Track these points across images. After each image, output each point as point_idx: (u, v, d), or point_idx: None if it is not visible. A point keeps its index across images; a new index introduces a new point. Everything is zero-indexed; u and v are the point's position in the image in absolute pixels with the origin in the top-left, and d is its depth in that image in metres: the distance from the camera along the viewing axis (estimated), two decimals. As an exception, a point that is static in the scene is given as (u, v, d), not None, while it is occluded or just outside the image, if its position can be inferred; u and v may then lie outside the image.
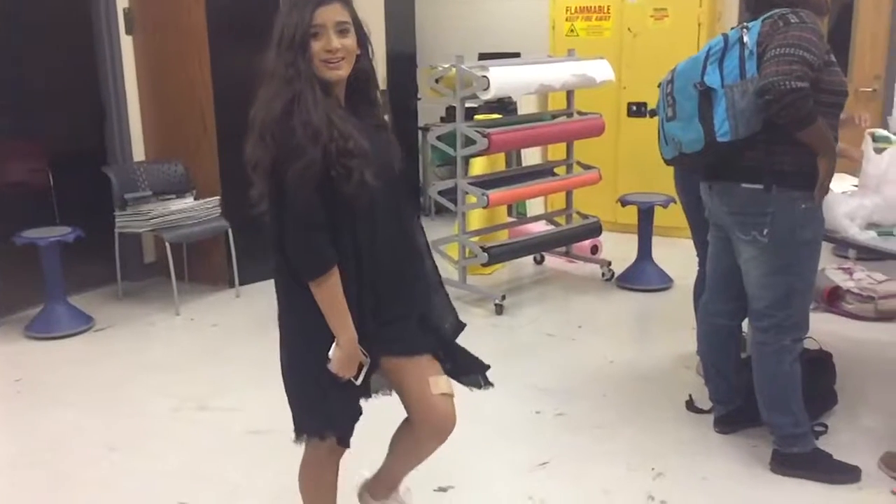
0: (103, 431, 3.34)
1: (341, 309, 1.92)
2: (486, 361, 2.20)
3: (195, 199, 4.93)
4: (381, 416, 2.21)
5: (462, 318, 2.28)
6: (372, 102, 2.05)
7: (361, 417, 2.11)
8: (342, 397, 2.03)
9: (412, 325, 2.08)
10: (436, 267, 2.21)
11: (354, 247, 1.93)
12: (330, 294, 1.90)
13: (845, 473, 2.82)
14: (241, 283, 5.02)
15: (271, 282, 2.10)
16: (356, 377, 1.99)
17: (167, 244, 4.64)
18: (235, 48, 4.98)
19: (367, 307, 1.97)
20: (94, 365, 4.04)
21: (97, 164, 4.91)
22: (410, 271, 2.09)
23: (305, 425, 2.09)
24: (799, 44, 2.50)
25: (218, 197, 4.95)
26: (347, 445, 2.12)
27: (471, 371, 2.24)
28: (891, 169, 3.12)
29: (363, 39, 1.97)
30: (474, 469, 2.96)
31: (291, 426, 2.15)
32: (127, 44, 5.09)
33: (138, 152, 5.22)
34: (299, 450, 3.11)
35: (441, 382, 2.11)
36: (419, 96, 6.85)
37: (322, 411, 2.05)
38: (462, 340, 4.07)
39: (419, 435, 2.19)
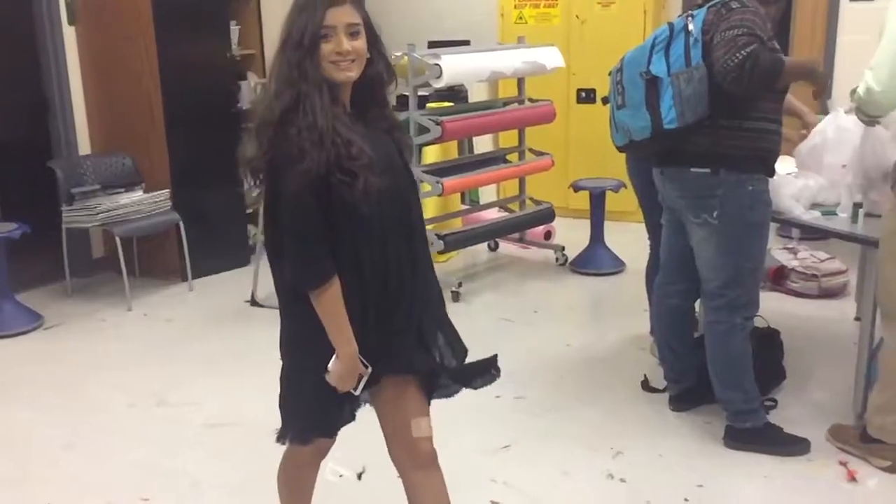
0: (59, 430, 3.28)
1: (341, 321, 1.83)
2: None
3: (145, 192, 4.84)
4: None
5: None
6: (381, 104, 1.96)
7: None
8: (334, 405, 1.96)
9: (410, 341, 1.95)
10: (437, 281, 2.07)
11: (356, 257, 1.84)
12: (329, 305, 1.82)
13: (795, 446, 2.92)
14: (195, 277, 4.96)
15: (225, 274, 2.08)
16: (355, 388, 1.92)
17: (117, 239, 4.56)
18: (183, 36, 4.92)
19: (369, 320, 1.88)
20: (45, 363, 3.97)
21: (42, 159, 4.79)
22: (413, 284, 1.94)
23: (292, 429, 2.05)
24: (741, 24, 2.57)
25: (168, 189, 4.87)
26: (331, 437, 2.09)
27: (478, 374, 2.11)
28: (825, 143, 3.23)
29: (375, 41, 1.90)
30: (438, 454, 2.98)
31: (264, 423, 2.14)
32: (70, 34, 4.97)
33: (84, 145, 5.10)
34: (259, 441, 3.11)
35: (423, 425, 2.02)
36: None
37: (312, 417, 2.00)
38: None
39: (401, 466, 2.08)
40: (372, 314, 1.88)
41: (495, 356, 2.11)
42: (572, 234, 5.41)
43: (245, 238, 5.41)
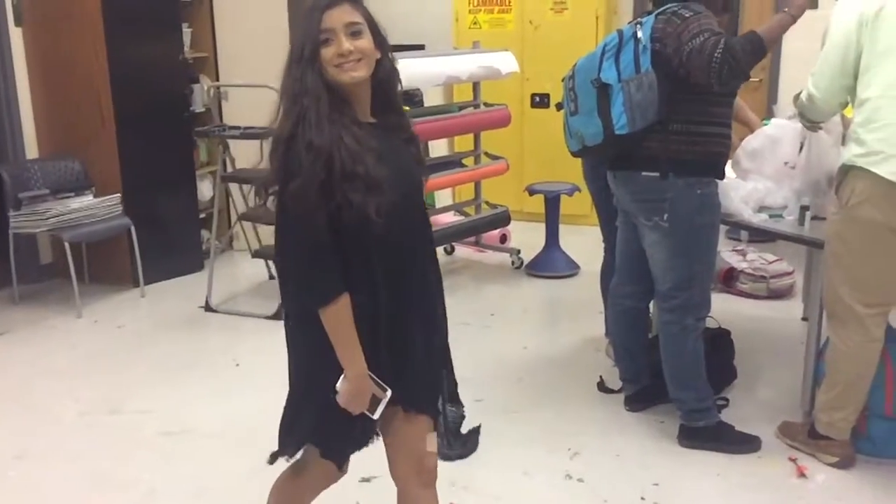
0: (9, 440, 3.20)
1: (349, 341, 1.75)
2: None
3: (95, 196, 4.76)
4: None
5: None
6: (398, 111, 1.88)
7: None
8: (345, 428, 1.87)
9: (422, 367, 1.90)
10: (444, 302, 1.98)
11: (369, 276, 1.76)
12: (337, 324, 1.74)
13: (747, 444, 2.99)
14: (147, 283, 4.88)
15: (179, 280, 2.04)
16: (372, 411, 1.82)
17: (66, 244, 4.47)
18: (134, 38, 4.85)
19: (381, 342, 1.80)
20: (-8, 372, 3.87)
21: (-13, 163, 4.69)
22: (424, 305, 1.89)
23: (289, 440, 1.96)
24: (700, 30, 2.64)
25: (119, 194, 4.79)
26: (340, 466, 1.98)
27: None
28: (766, 149, 3.32)
29: (382, 42, 1.80)
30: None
31: (219, 429, 2.11)
32: (16, 35, 4.86)
33: (32, 149, 4.99)
34: (214, 448, 3.10)
35: (433, 440, 1.96)
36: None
37: (323, 438, 1.92)
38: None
39: (405, 481, 1.98)
40: (384, 335, 1.80)
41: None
42: (528, 238, 5.45)
43: (199, 243, 5.35)
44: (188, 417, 3.36)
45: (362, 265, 1.75)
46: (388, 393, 1.83)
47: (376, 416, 1.84)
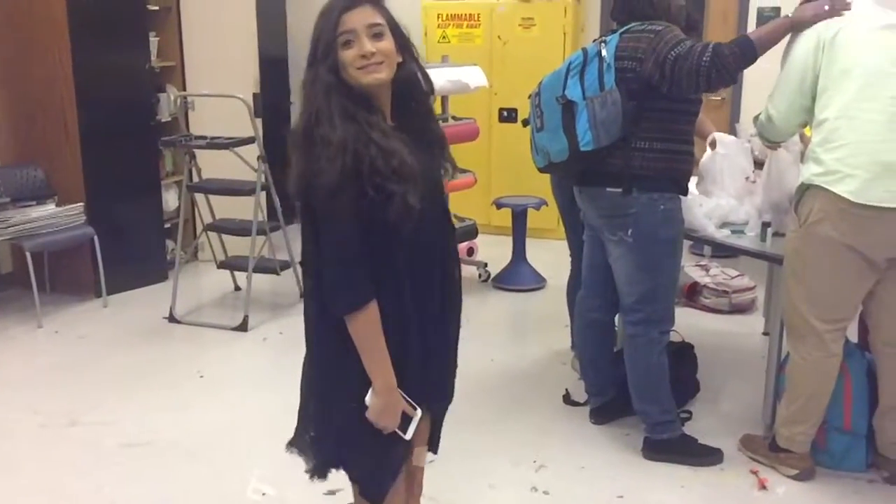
0: (-37, 453, 3.14)
1: (379, 350, 1.69)
2: None
3: (57, 205, 4.69)
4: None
5: None
6: (423, 115, 1.82)
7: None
8: (387, 446, 1.80)
9: (436, 373, 1.87)
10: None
11: (397, 282, 1.71)
12: (366, 332, 1.68)
13: (709, 456, 3.03)
14: (110, 293, 4.81)
15: (142, 290, 1.99)
16: (404, 430, 1.77)
17: (27, 253, 4.40)
18: (100, 46, 4.80)
19: (411, 351, 1.75)
20: (-52, 383, 3.78)
21: (-54, 169, 4.60)
22: (447, 310, 1.85)
23: (318, 458, 1.87)
24: (679, 38, 2.70)
25: (82, 203, 4.73)
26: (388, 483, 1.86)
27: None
28: (723, 166, 3.39)
29: (405, 44, 1.76)
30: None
31: (181, 442, 2.07)
32: (-23, 40, 4.79)
33: (-8, 156, 4.91)
34: (177, 461, 3.06)
35: (422, 455, 1.96)
36: (292, 100, 6.78)
37: (355, 454, 1.83)
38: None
39: None
40: (414, 346, 1.76)
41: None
42: (495, 251, 5.48)
43: (163, 253, 5.29)
44: (150, 429, 3.31)
45: (389, 272, 1.70)
46: (419, 412, 1.78)
47: (408, 436, 1.78)
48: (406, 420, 1.77)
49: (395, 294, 1.71)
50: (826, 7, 2.68)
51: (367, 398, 1.72)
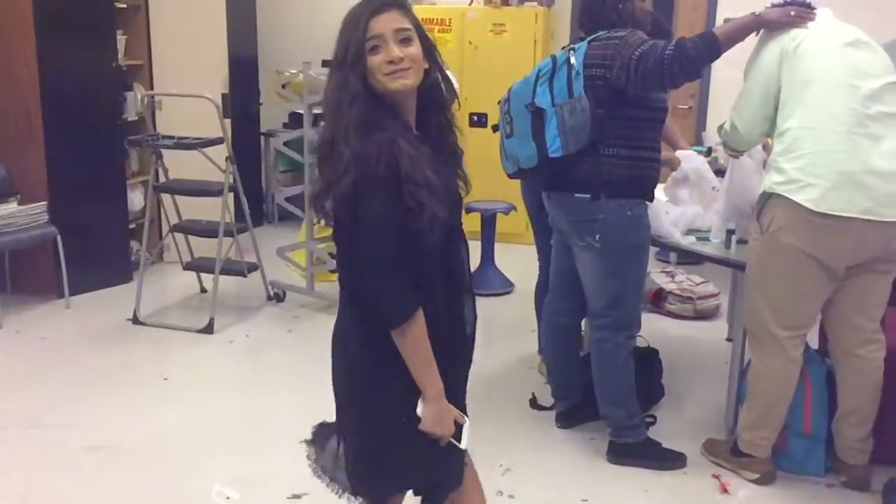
0: (-81, 456, 3.07)
1: (428, 358, 1.66)
2: None
3: (19, 204, 4.60)
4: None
5: (311, 324, 2.19)
6: (445, 125, 1.78)
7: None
8: (443, 454, 1.77)
9: (461, 379, 1.87)
10: None
11: (431, 292, 1.69)
12: (417, 341, 1.65)
13: (673, 460, 3.06)
14: (72, 294, 4.74)
15: (106, 291, 1.93)
16: (458, 438, 1.75)
17: (-12, 252, 4.32)
18: (66, 43, 4.73)
19: (444, 360, 1.72)
20: None
21: None
22: (466, 317, 1.83)
23: (373, 486, 1.82)
24: (643, 39, 2.74)
25: (45, 202, 4.65)
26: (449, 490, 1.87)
27: None
28: (692, 175, 3.45)
29: (431, 51, 1.72)
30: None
31: (145, 446, 2.04)
32: (-61, 36, 4.69)
33: (-48, 154, 4.82)
34: (140, 465, 3.02)
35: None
36: (261, 101, 6.74)
37: (419, 472, 1.81)
38: (311, 346, 4.06)
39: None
40: (447, 351, 1.73)
41: None
42: (463, 255, 5.47)
43: (128, 254, 5.22)
44: (113, 432, 3.27)
45: (424, 283, 1.68)
46: (467, 419, 1.77)
47: (464, 444, 1.76)
48: (458, 428, 1.75)
49: (431, 305, 1.69)
50: (792, 13, 2.72)
51: (419, 409, 1.69)
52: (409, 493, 1.89)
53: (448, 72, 1.79)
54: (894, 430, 2.92)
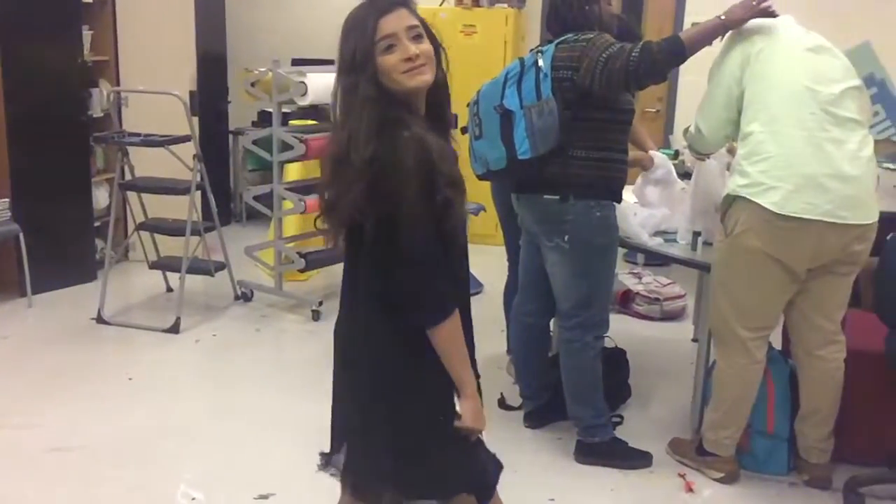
0: None
1: (465, 355, 1.69)
2: (304, 367, 2.11)
3: (-20, 201, 4.53)
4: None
5: (279, 324, 2.16)
6: (447, 125, 1.77)
7: None
8: (480, 450, 1.84)
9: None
10: None
11: (462, 287, 1.73)
12: (454, 339, 1.66)
13: (639, 459, 3.09)
14: (35, 292, 4.66)
15: (70, 290, 1.90)
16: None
17: (-53, 250, 4.24)
18: (30, 39, 4.66)
19: (471, 353, 1.76)
20: None
21: None
22: (470, 319, 1.85)
23: (446, 485, 1.82)
24: (610, 42, 2.75)
25: (7, 199, 4.57)
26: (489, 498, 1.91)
27: None
28: (663, 178, 3.48)
29: (436, 46, 1.70)
30: (294, 475, 2.95)
31: (108, 446, 2.01)
32: None
33: (-89, 149, 4.71)
34: (103, 466, 2.98)
35: None
36: (229, 99, 6.69)
37: (469, 465, 1.83)
38: (279, 346, 4.05)
39: None
40: (469, 350, 1.76)
41: None
42: (432, 256, 5.47)
43: (92, 252, 5.15)
44: (76, 434, 3.22)
45: (456, 279, 1.69)
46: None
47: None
48: None
49: (460, 305, 1.71)
50: (754, 2, 2.73)
51: (459, 406, 1.71)
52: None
53: None
54: (855, 429, 2.98)
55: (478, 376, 1.81)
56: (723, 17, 2.76)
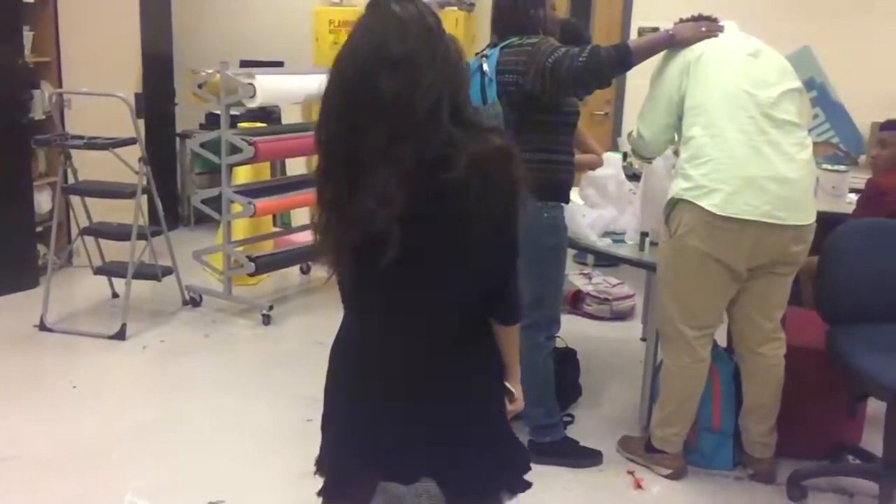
0: None
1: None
2: (255, 372, 2.09)
3: (-84, 205, 4.39)
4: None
5: (228, 329, 2.16)
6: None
7: None
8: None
9: None
10: None
11: None
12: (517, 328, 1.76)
13: (590, 458, 3.13)
14: (-24, 299, 4.54)
15: (10, 297, 1.87)
16: None
17: None
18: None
19: None
20: None
21: None
22: None
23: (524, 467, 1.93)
24: (556, 46, 2.79)
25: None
26: None
27: None
28: (609, 178, 3.54)
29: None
30: (245, 480, 2.92)
31: (48, 456, 1.97)
32: None
33: None
34: (42, 476, 2.91)
35: None
36: (176, 101, 6.59)
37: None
38: (229, 351, 4.00)
39: None
40: None
41: None
42: (384, 258, 5.46)
43: (34, 258, 5.02)
44: (18, 443, 3.14)
45: None
46: None
47: None
48: None
49: None
50: (703, 29, 2.83)
51: (515, 390, 1.81)
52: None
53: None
54: (798, 424, 3.06)
55: None
56: (671, 33, 2.83)
